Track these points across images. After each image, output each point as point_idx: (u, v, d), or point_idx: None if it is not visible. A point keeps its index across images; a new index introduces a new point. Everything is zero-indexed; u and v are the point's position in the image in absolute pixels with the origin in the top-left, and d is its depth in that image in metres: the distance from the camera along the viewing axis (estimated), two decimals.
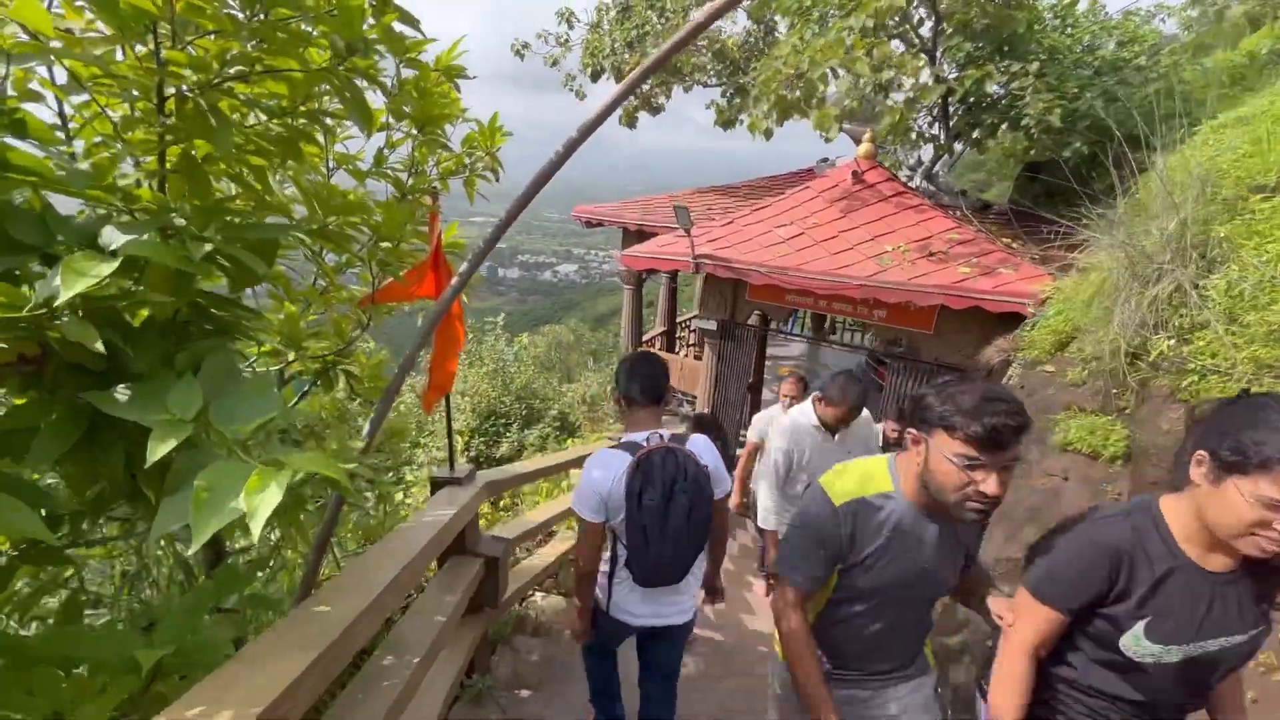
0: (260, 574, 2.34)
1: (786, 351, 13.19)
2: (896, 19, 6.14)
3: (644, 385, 2.04)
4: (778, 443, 3.67)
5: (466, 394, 6.64)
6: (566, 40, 9.86)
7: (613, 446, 2.02)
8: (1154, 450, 3.05)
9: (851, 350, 13.66)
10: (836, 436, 3.54)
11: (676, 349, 11.48)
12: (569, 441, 5.35)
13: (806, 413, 3.60)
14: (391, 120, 1.87)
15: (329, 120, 1.59)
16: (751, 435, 4.51)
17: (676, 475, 1.91)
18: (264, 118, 1.44)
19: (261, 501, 0.77)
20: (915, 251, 5.83)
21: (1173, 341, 3.07)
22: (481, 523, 3.17)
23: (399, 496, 3.71)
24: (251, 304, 1.38)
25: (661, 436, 1.98)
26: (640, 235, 8.34)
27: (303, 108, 1.45)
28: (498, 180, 2.50)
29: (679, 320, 11.63)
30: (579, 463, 4.22)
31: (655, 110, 10.02)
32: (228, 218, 1.17)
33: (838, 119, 5.35)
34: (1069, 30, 6.80)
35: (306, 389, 2.03)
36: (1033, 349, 4.55)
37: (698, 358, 11.98)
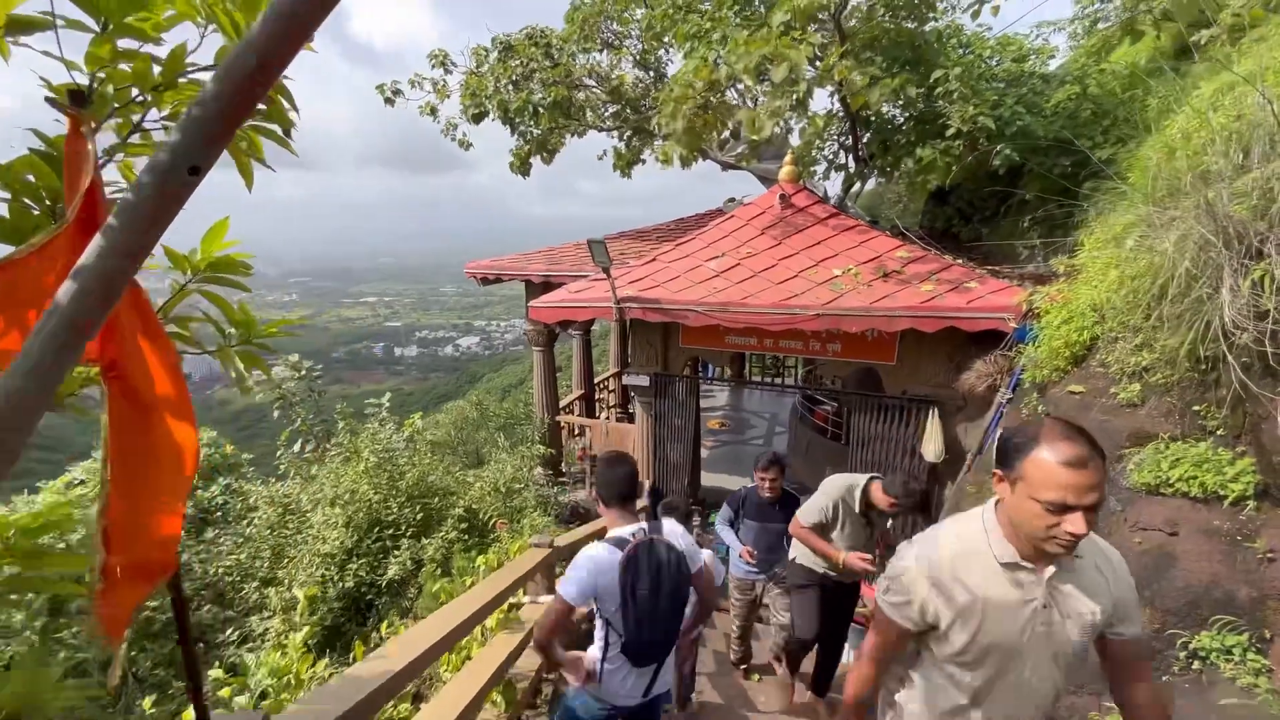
0: None
1: (710, 401, 12.34)
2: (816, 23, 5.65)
3: (623, 488, 2.21)
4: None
5: (337, 503, 5.04)
6: (444, 85, 8.90)
7: (605, 540, 2.15)
8: None
9: (780, 390, 13.07)
10: None
11: (597, 412, 10.27)
12: (481, 560, 3.94)
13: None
14: None
15: None
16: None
17: (662, 565, 2.11)
18: None
19: None
20: (868, 273, 5.12)
21: None
22: None
23: None
24: None
25: (644, 530, 2.15)
26: (547, 288, 7.24)
27: None
28: (288, 135, 1.28)
29: (597, 380, 10.49)
30: (500, 602, 2.87)
31: (550, 154, 9.19)
32: None
33: (772, 115, 4.62)
34: (969, 49, 6.73)
35: None
36: (1040, 369, 3.81)
37: (621, 419, 10.84)
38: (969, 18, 6.96)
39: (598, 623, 2.20)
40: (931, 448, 5.05)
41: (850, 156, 8.03)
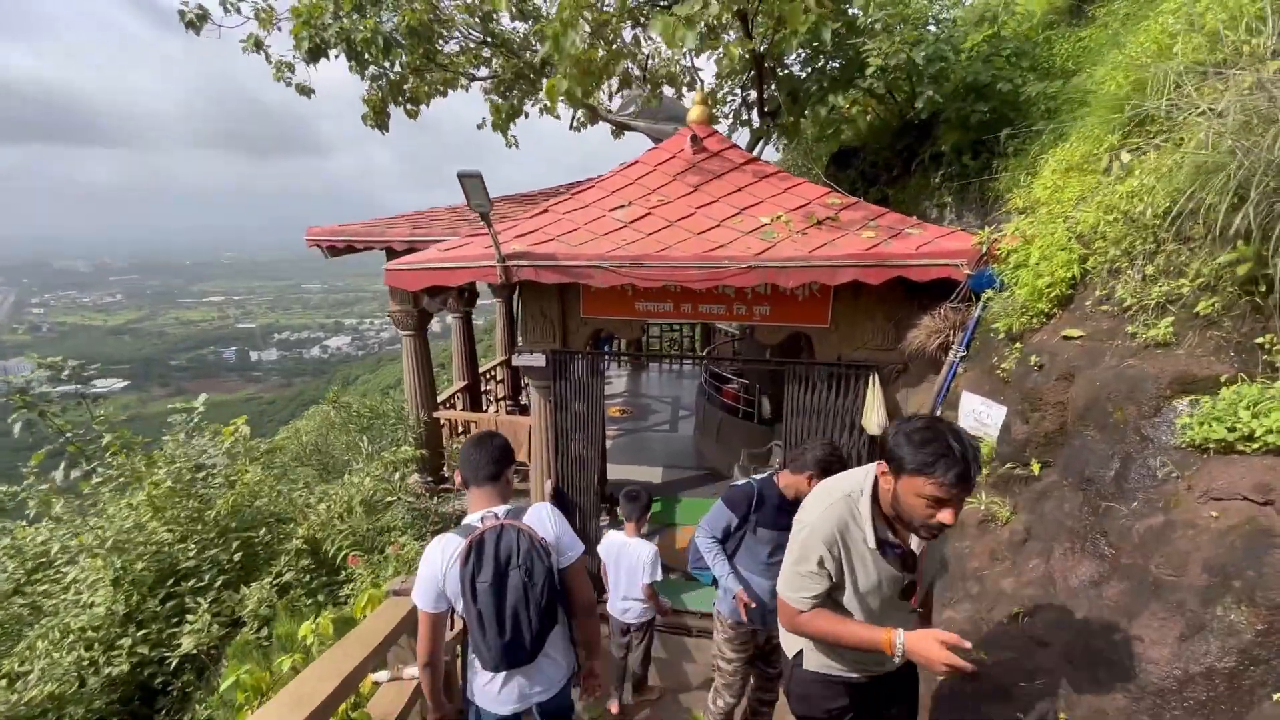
0: None
1: (607, 388, 11.43)
2: None
3: (475, 465, 2.03)
4: None
5: (100, 551, 3.43)
6: (269, 10, 7.08)
7: (456, 528, 1.99)
8: None
9: (696, 363, 12.46)
10: None
11: (484, 406, 8.99)
12: (306, 629, 2.68)
13: None
14: None
15: None
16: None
17: (510, 553, 1.89)
18: None
19: None
20: (800, 221, 4.40)
21: None
22: None
23: None
24: None
25: (496, 515, 1.97)
26: None
27: None
28: None
29: (483, 370, 9.18)
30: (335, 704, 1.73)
31: (413, 105, 7.71)
32: None
33: (689, 24, 3.71)
34: None
35: None
36: (1015, 317, 3.23)
37: (512, 412, 9.61)
38: None
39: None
40: (874, 418, 4.46)
41: (755, 112, 7.40)
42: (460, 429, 7.11)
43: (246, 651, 2.91)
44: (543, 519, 2.02)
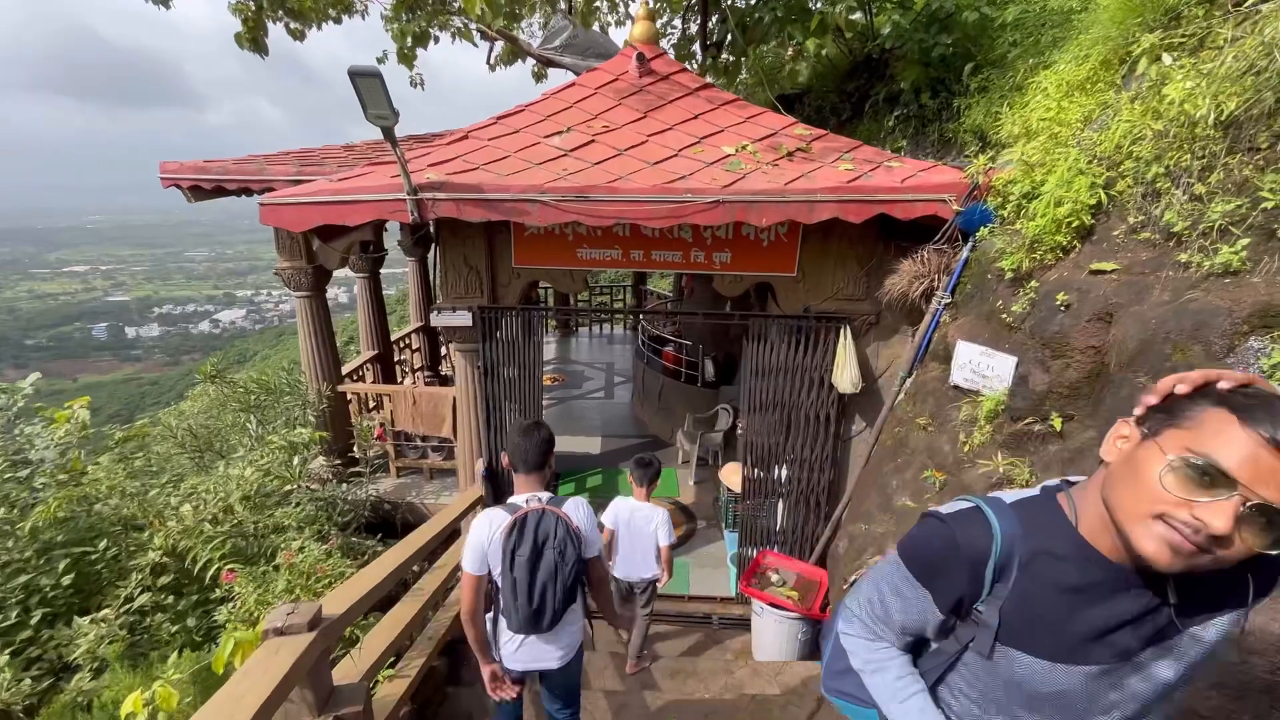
0: None
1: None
2: None
3: (524, 452, 2.27)
4: None
5: None
6: None
7: (503, 504, 2.23)
8: None
9: (637, 319, 11.89)
10: None
11: (399, 378, 8.02)
12: (169, 669, 1.94)
13: None
14: None
15: None
16: None
17: (548, 535, 2.14)
18: None
19: None
20: (768, 153, 3.84)
21: None
22: None
23: None
24: None
25: (540, 499, 2.21)
26: None
27: None
28: None
29: (395, 338, 8.16)
30: None
31: (297, 21, 6.44)
32: None
33: None
34: None
35: None
36: (1022, 255, 2.83)
37: (431, 382, 8.68)
38: None
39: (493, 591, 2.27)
40: (846, 376, 4.05)
41: (699, 46, 6.73)
42: (371, 403, 6.19)
43: (67, 717, 2.10)
44: (578, 511, 2.26)
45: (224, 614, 2.80)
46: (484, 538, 2.13)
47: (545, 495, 2.23)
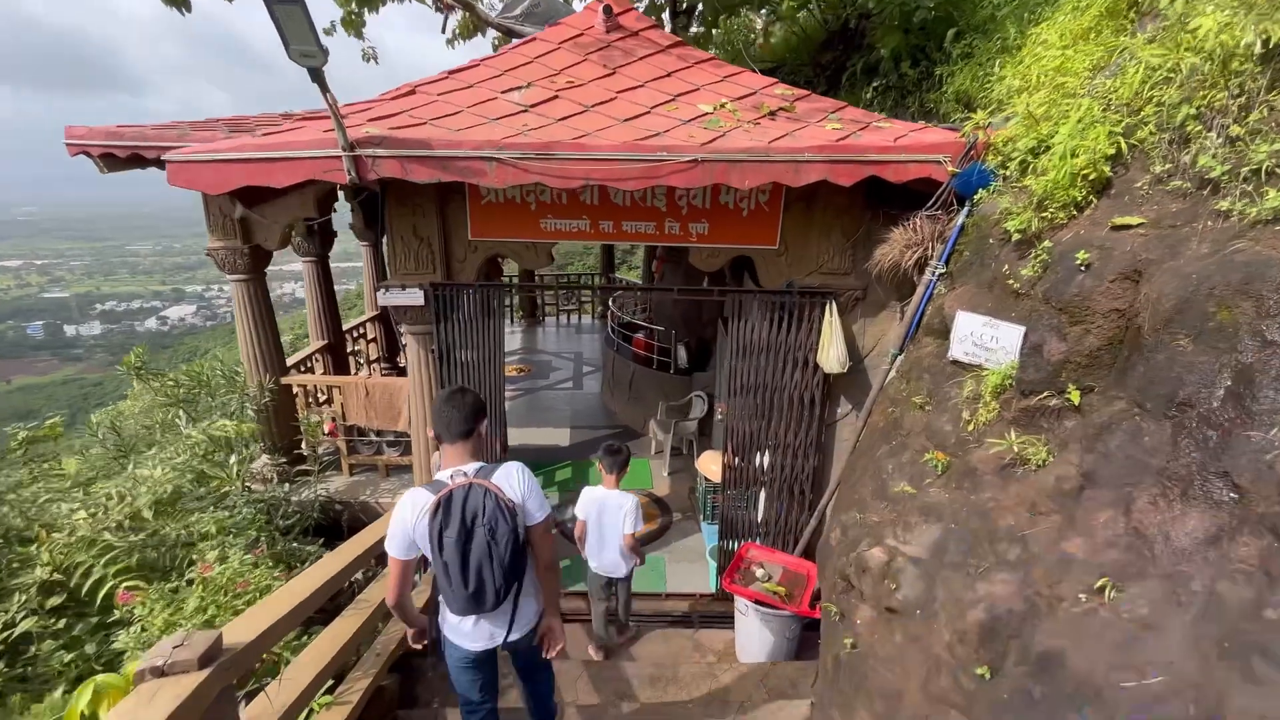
0: None
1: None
2: None
3: (448, 421, 2.10)
4: None
5: None
6: None
7: (427, 483, 2.11)
8: None
9: (620, 295, 11.52)
10: None
11: (351, 369, 7.48)
12: (51, 699, 1.55)
13: None
14: None
15: None
16: None
17: (477, 512, 1.98)
18: None
19: None
20: (748, 111, 3.52)
21: None
22: None
23: None
24: None
25: (465, 473, 2.05)
26: None
27: None
28: None
29: (348, 327, 7.61)
30: None
31: None
32: None
33: None
34: None
35: None
36: (1031, 215, 2.58)
37: (388, 373, 8.16)
38: None
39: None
40: (832, 354, 3.79)
41: (668, 14, 6.37)
42: (321, 396, 5.69)
43: None
44: (511, 479, 2.10)
45: (125, 639, 2.37)
46: (408, 519, 2.01)
47: (473, 467, 2.08)
